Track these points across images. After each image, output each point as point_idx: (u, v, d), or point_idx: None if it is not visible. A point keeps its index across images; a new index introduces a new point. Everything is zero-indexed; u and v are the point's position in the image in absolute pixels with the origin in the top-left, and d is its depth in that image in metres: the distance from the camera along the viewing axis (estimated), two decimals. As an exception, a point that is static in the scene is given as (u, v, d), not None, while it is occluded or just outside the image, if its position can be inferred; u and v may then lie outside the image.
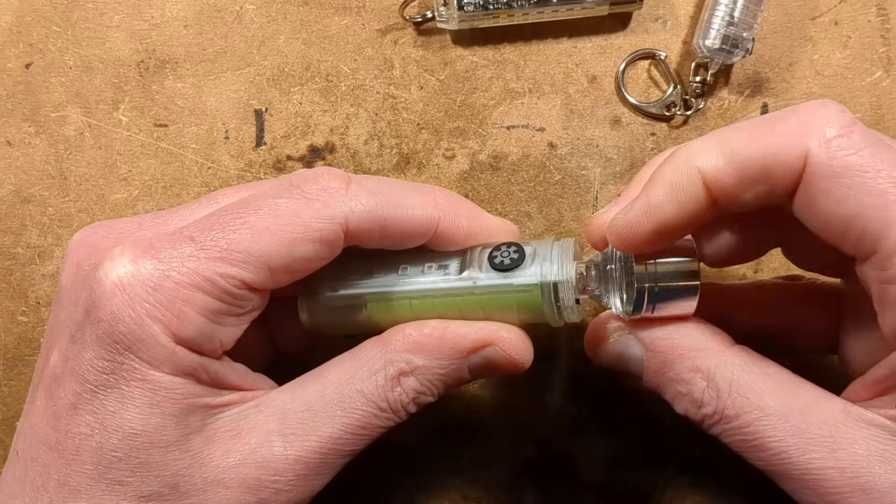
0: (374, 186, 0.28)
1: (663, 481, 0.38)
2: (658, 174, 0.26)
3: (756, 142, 0.24)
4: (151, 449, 0.25)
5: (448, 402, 0.38)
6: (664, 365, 0.28)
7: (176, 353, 0.25)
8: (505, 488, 0.38)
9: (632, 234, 0.26)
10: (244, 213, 0.26)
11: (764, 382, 0.26)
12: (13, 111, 0.38)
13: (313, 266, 0.27)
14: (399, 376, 0.27)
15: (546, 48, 0.38)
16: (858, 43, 0.38)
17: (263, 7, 0.38)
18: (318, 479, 0.27)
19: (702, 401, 0.27)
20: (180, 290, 0.25)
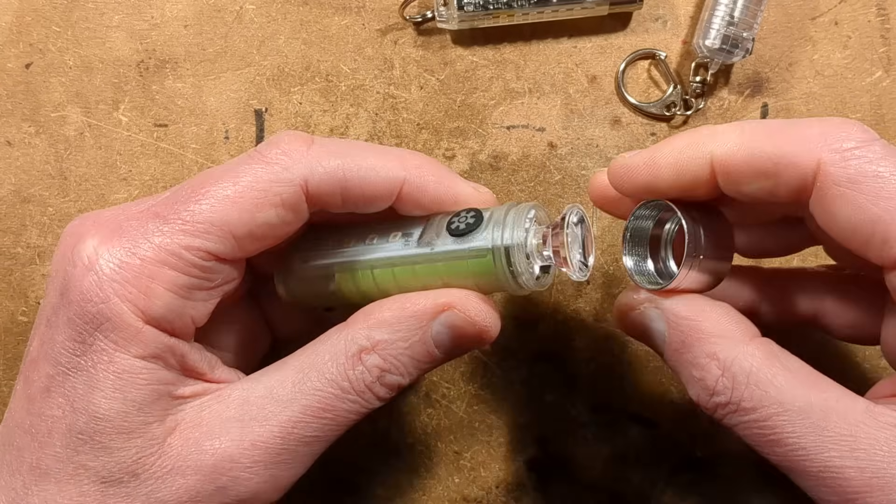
0: (337, 148, 0.27)
1: (663, 481, 0.38)
2: (674, 140, 0.27)
3: (773, 139, 0.25)
4: (114, 434, 0.25)
5: (448, 402, 0.38)
6: (683, 346, 0.27)
7: (143, 332, 0.25)
8: (505, 488, 0.38)
9: (626, 177, 0.28)
10: (206, 183, 0.26)
11: (785, 377, 0.25)
12: (13, 111, 0.38)
13: (281, 231, 0.27)
14: (360, 353, 0.26)
15: (546, 48, 0.38)
16: (858, 43, 0.38)
17: (263, 7, 0.38)
18: (280, 468, 0.26)
19: (714, 389, 0.26)
20: (146, 266, 0.25)
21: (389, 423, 0.38)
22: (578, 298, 0.38)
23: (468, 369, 0.38)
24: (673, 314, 0.28)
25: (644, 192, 0.28)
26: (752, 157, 0.25)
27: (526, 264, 0.27)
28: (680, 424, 0.38)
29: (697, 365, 0.27)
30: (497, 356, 0.38)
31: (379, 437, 0.38)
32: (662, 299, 0.28)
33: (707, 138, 0.26)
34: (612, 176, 0.28)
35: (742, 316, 0.28)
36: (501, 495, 0.38)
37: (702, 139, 0.26)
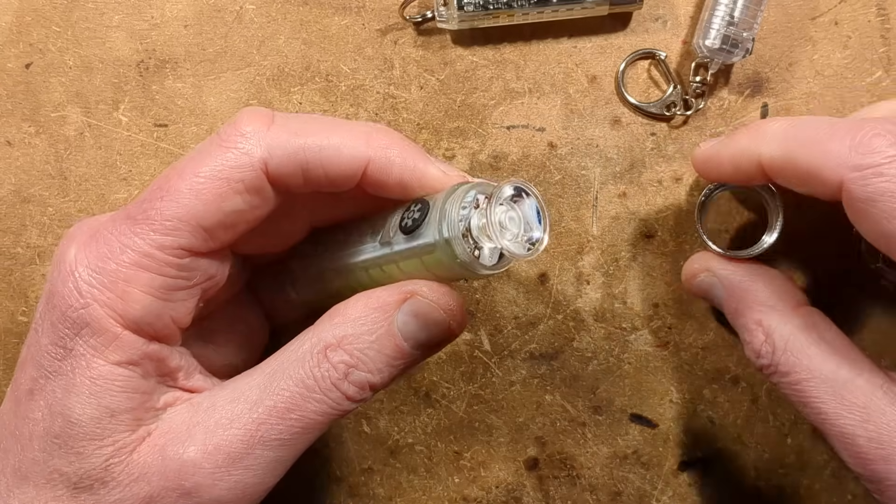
0: (299, 126, 0.26)
1: (663, 481, 0.38)
2: (735, 137, 0.31)
3: (806, 149, 0.27)
4: (86, 440, 0.25)
5: (448, 402, 0.38)
6: (737, 311, 0.32)
7: (122, 337, 0.25)
8: (505, 488, 0.38)
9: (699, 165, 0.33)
10: (170, 177, 0.25)
11: (818, 347, 0.29)
12: (13, 111, 0.38)
13: (252, 216, 0.26)
14: (325, 350, 0.26)
15: (546, 48, 0.38)
16: (858, 43, 0.38)
17: (263, 7, 0.38)
18: (245, 473, 0.25)
19: (759, 352, 0.30)
20: (122, 270, 0.25)
21: (389, 423, 0.38)
22: (578, 298, 0.38)
23: (468, 369, 0.38)
24: (728, 282, 0.32)
25: (714, 178, 0.33)
26: (789, 165, 0.28)
27: (470, 253, 0.26)
28: (680, 424, 0.38)
29: (748, 329, 0.31)
30: (497, 356, 0.38)
31: (379, 437, 0.38)
32: (720, 269, 0.33)
33: (758, 140, 0.29)
34: (693, 162, 0.33)
35: (791, 284, 0.32)
36: (501, 495, 0.38)
37: (754, 141, 0.29)
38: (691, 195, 0.38)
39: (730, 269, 0.32)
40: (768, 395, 0.38)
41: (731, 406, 0.38)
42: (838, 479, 0.38)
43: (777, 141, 0.28)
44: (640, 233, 0.38)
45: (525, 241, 0.26)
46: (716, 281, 0.33)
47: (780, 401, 0.38)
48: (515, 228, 0.26)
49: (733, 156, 0.30)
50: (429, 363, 0.38)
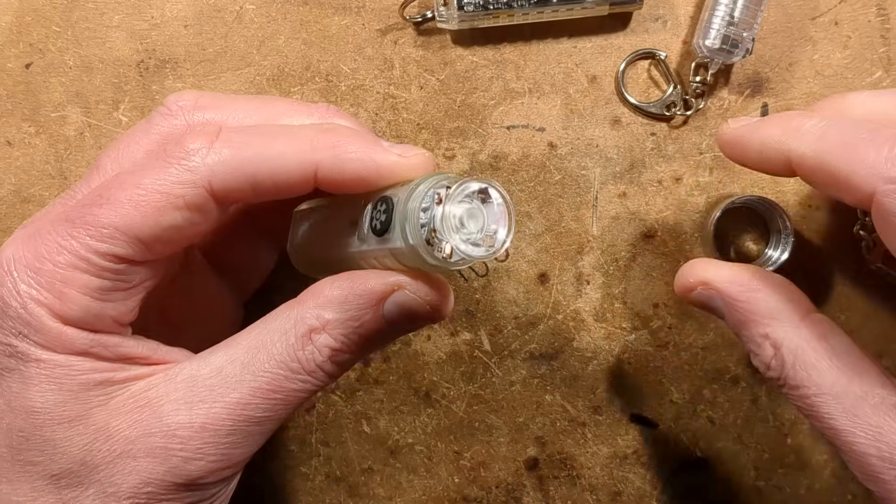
0: (243, 140, 0.26)
1: (663, 481, 0.38)
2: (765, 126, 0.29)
3: (842, 154, 0.26)
4: (54, 426, 0.25)
5: (448, 402, 0.38)
6: (740, 324, 0.30)
7: (65, 333, 0.25)
8: (505, 488, 0.38)
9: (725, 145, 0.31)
10: (111, 185, 0.25)
11: (828, 360, 0.28)
12: (13, 111, 0.38)
13: (191, 231, 0.26)
14: (310, 333, 0.26)
15: (546, 48, 0.38)
16: (858, 43, 0.38)
17: (263, 7, 0.38)
18: (231, 447, 0.26)
19: (769, 365, 0.29)
20: (58, 271, 0.24)
21: (389, 423, 0.38)
22: (578, 298, 0.38)
23: (468, 369, 0.38)
24: (728, 295, 0.30)
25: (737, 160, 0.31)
26: (820, 167, 0.26)
27: (438, 255, 0.25)
28: (680, 424, 0.38)
29: (754, 343, 0.30)
30: (497, 356, 0.38)
31: (379, 437, 0.38)
32: (717, 282, 0.31)
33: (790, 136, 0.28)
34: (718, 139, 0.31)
35: (796, 291, 0.30)
36: (501, 495, 0.38)
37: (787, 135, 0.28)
38: (691, 195, 0.38)
39: (728, 281, 0.30)
40: (768, 395, 0.38)
41: (731, 406, 0.38)
42: (838, 479, 0.38)
43: (811, 140, 0.27)
44: (640, 233, 0.38)
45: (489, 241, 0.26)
46: (714, 293, 0.31)
47: (780, 401, 0.38)
48: (475, 227, 0.25)
49: (762, 145, 0.29)
50: (429, 363, 0.38)
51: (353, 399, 0.38)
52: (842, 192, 0.26)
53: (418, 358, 0.38)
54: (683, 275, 0.32)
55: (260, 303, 0.36)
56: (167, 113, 0.29)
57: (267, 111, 0.29)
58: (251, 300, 0.36)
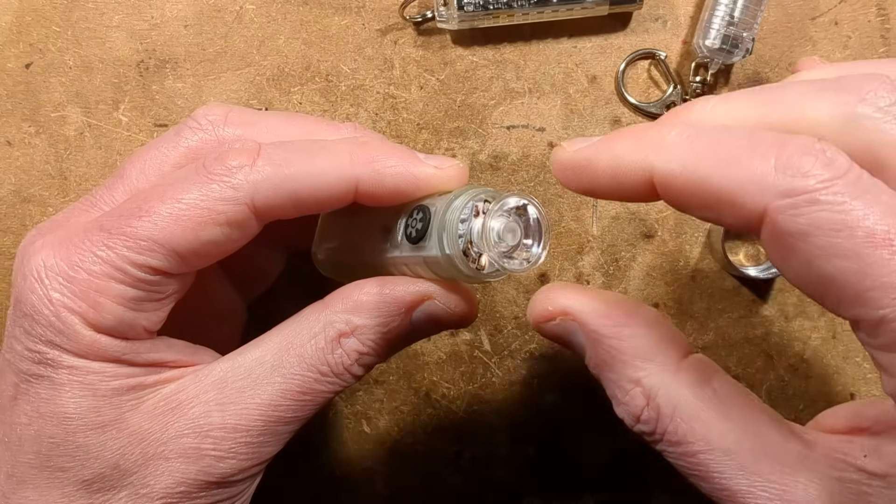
0: (283, 157, 0.26)
1: (663, 481, 0.38)
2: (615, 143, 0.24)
3: (720, 171, 0.21)
4: (87, 431, 0.25)
5: (448, 402, 0.38)
6: (605, 365, 0.25)
7: (98, 341, 0.25)
8: (505, 488, 0.38)
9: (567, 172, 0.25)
10: (151, 198, 0.25)
11: (713, 410, 0.23)
12: (13, 111, 0.38)
13: (228, 247, 0.26)
14: (339, 337, 0.26)
15: (546, 48, 0.38)
16: (858, 43, 0.38)
17: (263, 7, 0.38)
18: (263, 446, 0.26)
19: (639, 417, 0.24)
20: (93, 280, 0.24)
21: (389, 423, 0.38)
22: (578, 298, 0.38)
23: (468, 369, 0.38)
24: (592, 331, 0.25)
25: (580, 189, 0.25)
26: (694, 186, 0.22)
27: (472, 267, 0.26)
28: (680, 424, 0.38)
29: (621, 388, 0.25)
30: (497, 356, 0.38)
31: (379, 437, 0.38)
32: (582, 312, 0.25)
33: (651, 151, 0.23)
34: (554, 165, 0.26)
35: (671, 328, 0.25)
36: (501, 495, 0.38)
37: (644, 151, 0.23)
38: (691, 195, 0.38)
39: (593, 313, 0.25)
40: (768, 395, 0.38)
41: (731, 406, 0.38)
42: (838, 479, 0.38)
43: (678, 154, 0.22)
44: (640, 233, 0.38)
45: (522, 256, 0.26)
46: (575, 327, 0.26)
47: (779, 401, 0.38)
48: (512, 241, 0.26)
49: (615, 166, 0.24)
50: (429, 363, 0.38)
51: (353, 399, 0.38)
52: (722, 213, 0.22)
53: (418, 358, 0.38)
54: (539, 301, 0.27)
55: (262, 304, 0.36)
56: (196, 127, 0.29)
57: (296, 128, 0.29)
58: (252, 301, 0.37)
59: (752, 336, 0.38)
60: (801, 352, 0.38)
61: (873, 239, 0.19)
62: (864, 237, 0.19)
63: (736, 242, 0.38)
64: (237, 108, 0.30)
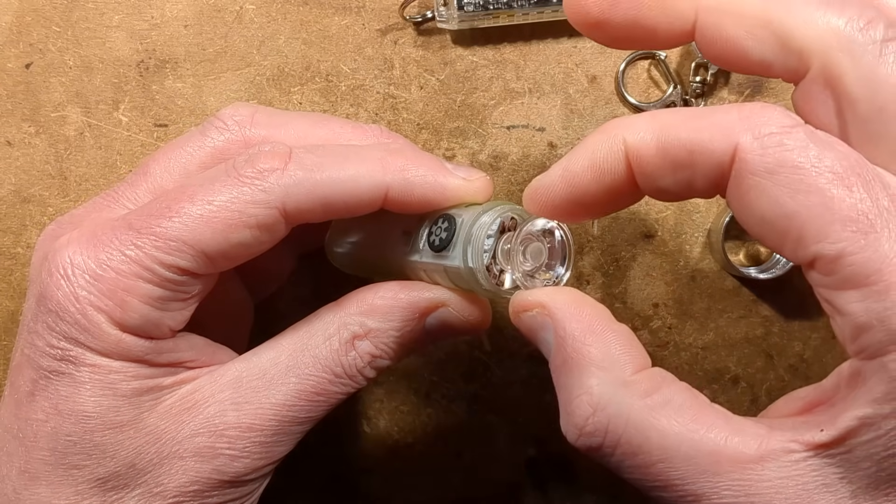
0: (315, 161, 0.26)
1: (663, 481, 0.38)
2: (584, 141, 0.25)
3: (687, 125, 0.23)
4: (105, 431, 0.25)
5: (448, 402, 0.38)
6: (564, 366, 0.25)
7: (123, 340, 0.25)
8: (505, 488, 0.38)
9: (545, 199, 0.26)
10: (180, 199, 0.25)
11: (667, 418, 0.23)
12: (13, 111, 0.38)
13: (256, 249, 0.27)
14: (353, 340, 0.27)
15: (546, 48, 0.38)
16: (858, 43, 0.38)
17: (263, 7, 0.38)
18: (276, 446, 0.27)
19: (582, 429, 0.24)
20: (121, 279, 0.25)
21: (389, 423, 0.38)
22: (578, 298, 0.38)
23: (468, 369, 0.38)
24: (562, 329, 0.25)
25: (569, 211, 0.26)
26: (666, 145, 0.23)
27: (493, 282, 0.27)
28: (680, 424, 0.38)
29: (571, 394, 0.24)
30: (497, 356, 0.38)
31: (379, 437, 0.38)
32: (559, 311, 0.25)
33: (618, 128, 0.24)
34: (529, 201, 0.26)
35: (637, 344, 0.25)
36: (501, 495, 0.38)
37: (613, 129, 0.24)
38: (691, 195, 0.38)
39: (568, 313, 0.25)
40: (768, 395, 0.38)
41: (731, 406, 0.38)
42: (838, 479, 0.38)
43: (646, 124, 0.23)
44: (640, 233, 0.38)
45: (546, 275, 0.27)
46: (548, 322, 0.25)
47: (780, 401, 0.38)
48: (536, 261, 0.27)
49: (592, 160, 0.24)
50: (429, 363, 0.38)
51: (353, 399, 0.38)
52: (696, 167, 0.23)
53: (418, 358, 0.38)
54: (523, 294, 0.27)
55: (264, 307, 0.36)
56: (222, 127, 0.29)
57: (323, 130, 0.29)
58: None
59: (752, 336, 0.38)
60: (801, 352, 0.38)
61: (833, 177, 0.21)
62: (826, 175, 0.21)
63: (736, 242, 0.38)
64: (263, 108, 0.30)
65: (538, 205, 0.26)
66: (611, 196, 0.25)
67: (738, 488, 0.22)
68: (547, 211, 0.26)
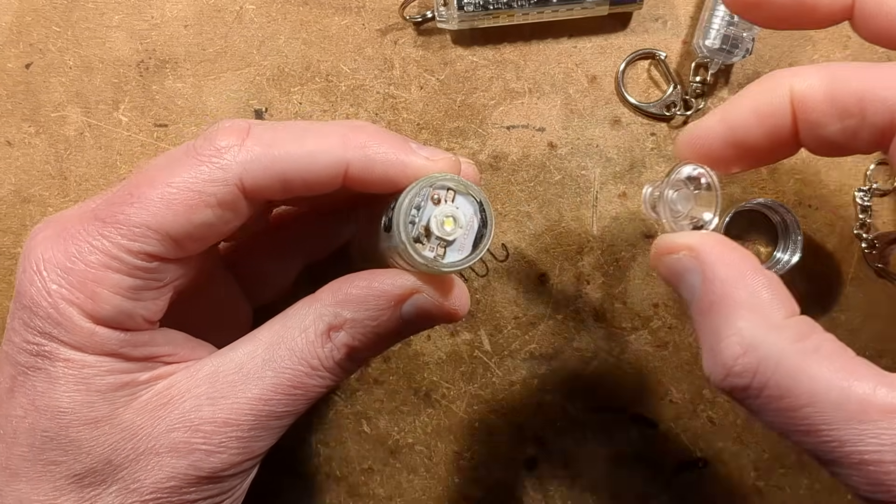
0: (273, 136, 0.26)
1: (663, 481, 0.38)
2: (746, 89, 0.25)
3: (860, 74, 0.23)
4: (81, 426, 0.25)
5: (448, 402, 0.38)
6: (711, 309, 0.25)
7: (96, 332, 0.25)
8: (505, 488, 0.38)
9: (702, 142, 0.25)
10: (141, 184, 0.25)
11: (819, 365, 0.23)
12: (13, 111, 0.38)
13: (222, 229, 0.26)
14: (328, 331, 0.26)
15: (546, 48, 0.38)
16: (858, 43, 0.38)
17: (263, 7, 0.38)
18: (254, 441, 0.26)
19: (730, 369, 0.24)
20: (90, 270, 0.24)
21: (389, 423, 0.38)
22: (578, 298, 0.38)
23: (468, 369, 0.38)
24: (711, 272, 0.25)
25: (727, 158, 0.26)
26: (836, 91, 0.23)
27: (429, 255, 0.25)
28: (680, 424, 0.38)
29: (719, 336, 0.24)
30: (497, 356, 0.38)
31: (379, 437, 0.38)
32: (706, 251, 0.25)
33: (787, 76, 0.25)
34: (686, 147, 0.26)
35: (785, 291, 0.25)
36: (501, 495, 0.38)
37: (781, 76, 0.25)
38: (691, 195, 0.38)
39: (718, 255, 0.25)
40: (768, 395, 0.38)
41: (731, 406, 0.38)
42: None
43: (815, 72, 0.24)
44: (640, 233, 0.38)
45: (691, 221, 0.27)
46: (695, 266, 0.25)
47: (780, 401, 0.38)
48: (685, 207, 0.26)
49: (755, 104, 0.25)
50: (429, 363, 0.38)
51: (353, 399, 0.38)
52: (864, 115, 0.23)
53: (418, 358, 0.38)
54: (669, 237, 0.27)
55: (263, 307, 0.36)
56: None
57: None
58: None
59: (752, 336, 0.38)
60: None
61: None
62: None
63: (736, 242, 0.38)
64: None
65: (693, 149, 0.26)
66: (769, 143, 0.25)
67: (885, 437, 0.22)
68: (702, 155, 0.26)
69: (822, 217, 0.38)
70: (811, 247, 0.38)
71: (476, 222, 0.26)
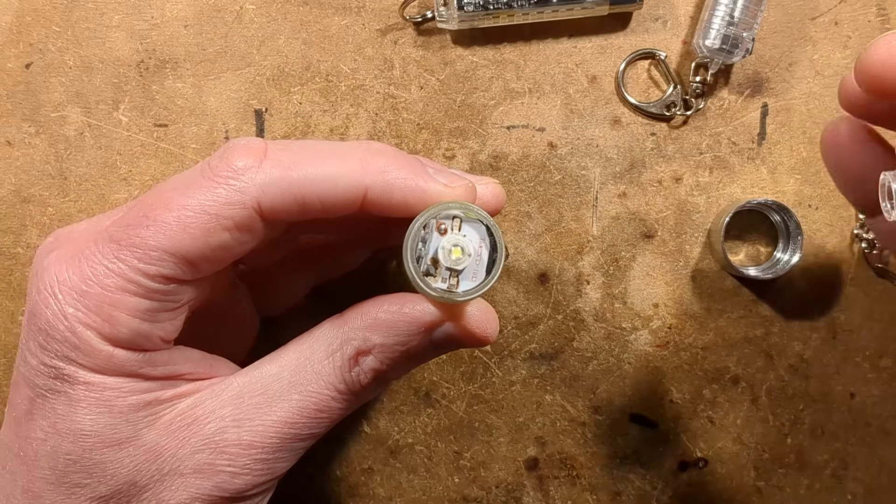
0: (292, 158, 0.25)
1: (663, 481, 0.38)
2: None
3: None
4: (104, 448, 0.25)
5: (448, 402, 0.38)
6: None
7: (115, 355, 0.25)
8: (505, 488, 0.38)
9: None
10: (156, 206, 0.25)
11: None
12: (13, 111, 0.38)
13: (238, 251, 0.26)
14: (357, 356, 0.26)
15: (546, 48, 0.38)
16: (858, 43, 0.38)
17: (263, 7, 0.38)
18: (277, 462, 0.26)
19: None
20: (106, 294, 0.24)
21: (389, 423, 0.38)
22: (578, 298, 0.38)
23: (468, 369, 0.38)
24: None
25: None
26: None
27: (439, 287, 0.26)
28: (680, 424, 0.38)
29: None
30: (497, 356, 0.38)
31: (379, 437, 0.38)
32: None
33: None
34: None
35: None
36: (501, 495, 0.38)
37: None
38: (691, 195, 0.38)
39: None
40: (768, 394, 0.38)
41: (731, 406, 0.38)
42: (838, 478, 0.38)
43: None
44: (640, 233, 0.38)
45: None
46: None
47: (780, 401, 0.38)
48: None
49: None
50: (429, 363, 0.38)
51: (353, 399, 0.38)
52: None
53: (418, 358, 0.38)
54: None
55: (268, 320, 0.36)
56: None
57: None
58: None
59: (752, 336, 0.38)
60: (801, 352, 0.38)
61: None
62: None
63: (736, 242, 0.38)
64: None
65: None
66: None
67: None
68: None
69: (822, 217, 0.38)
70: (811, 247, 0.38)
71: (485, 247, 0.26)
